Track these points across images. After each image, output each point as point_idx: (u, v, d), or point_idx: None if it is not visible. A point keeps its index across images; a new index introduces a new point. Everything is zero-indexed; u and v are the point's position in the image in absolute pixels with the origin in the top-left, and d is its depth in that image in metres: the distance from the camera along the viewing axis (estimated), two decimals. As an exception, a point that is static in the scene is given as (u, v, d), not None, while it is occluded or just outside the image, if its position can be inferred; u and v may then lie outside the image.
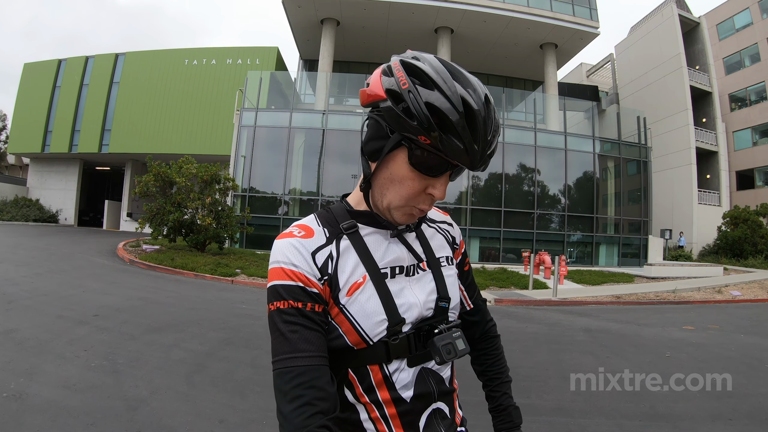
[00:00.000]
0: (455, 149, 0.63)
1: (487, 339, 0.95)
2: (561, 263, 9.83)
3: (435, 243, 0.84)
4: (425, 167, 0.67)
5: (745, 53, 22.28)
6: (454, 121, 0.62)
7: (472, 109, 0.62)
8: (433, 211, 0.90)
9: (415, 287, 0.76)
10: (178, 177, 11.44)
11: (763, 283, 11.61)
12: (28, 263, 8.77)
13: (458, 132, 0.62)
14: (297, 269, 0.68)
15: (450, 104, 0.62)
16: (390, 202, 0.71)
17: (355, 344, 0.71)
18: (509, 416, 0.90)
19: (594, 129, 17.04)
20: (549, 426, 2.81)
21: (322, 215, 0.77)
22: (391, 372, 0.72)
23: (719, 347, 5.10)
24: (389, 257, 0.75)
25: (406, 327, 0.73)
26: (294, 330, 0.65)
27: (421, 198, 0.70)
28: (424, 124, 0.62)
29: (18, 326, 4.35)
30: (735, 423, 2.92)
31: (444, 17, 17.86)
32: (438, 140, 0.62)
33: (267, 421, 2.69)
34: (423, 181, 0.68)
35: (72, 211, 24.92)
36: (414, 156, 0.66)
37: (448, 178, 0.70)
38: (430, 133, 0.62)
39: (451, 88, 0.63)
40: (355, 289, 0.71)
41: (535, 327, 5.98)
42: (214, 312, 5.82)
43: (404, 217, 0.73)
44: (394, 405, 0.72)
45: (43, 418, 2.53)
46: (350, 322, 0.70)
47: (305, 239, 0.71)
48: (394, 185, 0.70)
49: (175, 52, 22.94)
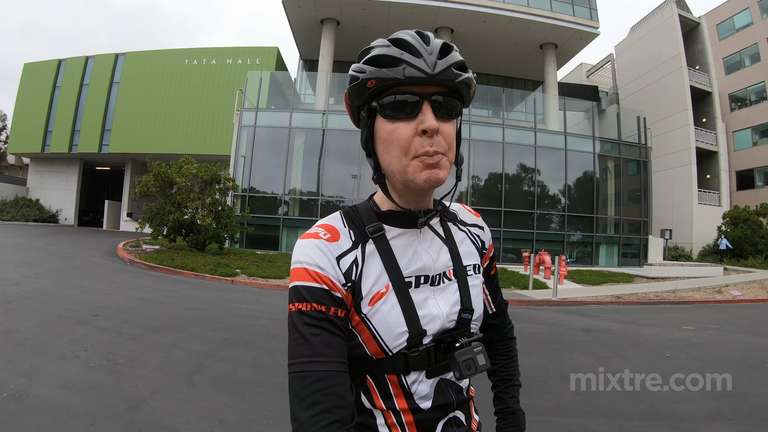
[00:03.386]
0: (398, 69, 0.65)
1: (504, 341, 0.94)
2: (561, 263, 9.83)
3: (463, 249, 0.80)
4: (396, 108, 0.66)
5: (745, 53, 22.28)
6: (384, 50, 0.66)
7: (399, 38, 0.67)
8: (464, 212, 0.86)
9: (439, 298, 0.74)
10: (178, 177, 11.44)
11: (763, 283, 11.61)
12: (28, 263, 8.77)
13: (391, 56, 0.65)
14: (322, 272, 0.66)
15: (379, 46, 0.67)
16: (395, 165, 0.68)
17: (374, 354, 0.69)
18: (516, 421, 0.88)
19: (594, 129, 17.05)
20: (549, 426, 2.81)
21: (348, 215, 0.75)
22: (410, 383, 0.71)
23: (719, 347, 5.10)
24: (415, 265, 0.72)
25: (426, 339, 0.71)
26: (315, 333, 0.63)
27: (418, 141, 0.66)
28: (363, 72, 0.67)
29: (18, 326, 4.35)
30: (735, 423, 2.92)
31: (444, 17, 17.86)
32: (379, 73, 0.65)
33: (267, 421, 2.69)
34: (408, 124, 0.66)
35: (72, 211, 24.92)
36: (382, 107, 0.67)
37: (430, 109, 0.66)
38: (371, 75, 0.66)
39: (381, 41, 0.68)
40: (377, 299, 0.69)
41: (535, 327, 5.98)
42: (214, 312, 5.82)
43: (423, 174, 0.66)
44: (412, 414, 0.71)
45: (43, 418, 2.53)
46: (370, 332, 0.68)
47: (331, 242, 0.69)
48: (389, 147, 0.68)
49: (175, 52, 22.94)
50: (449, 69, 0.66)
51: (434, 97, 0.66)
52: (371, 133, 0.71)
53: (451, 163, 0.70)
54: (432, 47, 0.66)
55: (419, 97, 0.65)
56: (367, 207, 0.76)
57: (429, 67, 0.64)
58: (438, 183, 0.67)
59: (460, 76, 0.67)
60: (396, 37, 0.67)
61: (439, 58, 0.65)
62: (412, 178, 0.67)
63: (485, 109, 19.08)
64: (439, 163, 0.66)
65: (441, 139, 0.66)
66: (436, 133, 0.66)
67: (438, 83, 0.66)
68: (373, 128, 0.70)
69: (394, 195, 0.73)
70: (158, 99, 22.13)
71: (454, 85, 0.67)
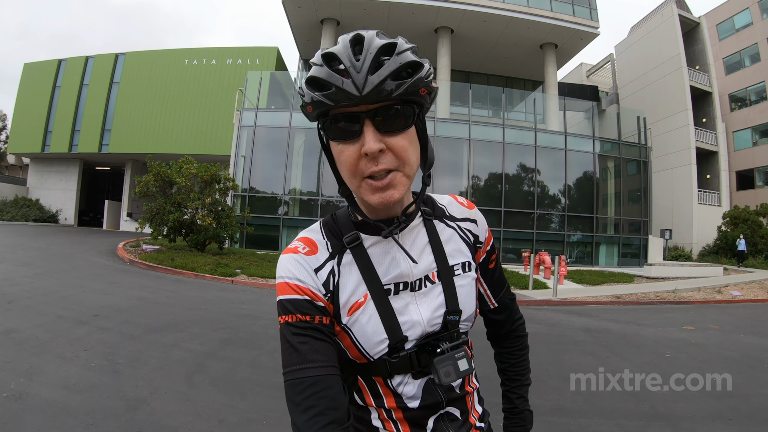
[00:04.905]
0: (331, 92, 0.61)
1: (513, 338, 0.92)
2: (561, 263, 9.83)
3: (450, 248, 0.78)
4: (338, 132, 0.64)
5: (745, 53, 22.28)
6: (316, 71, 0.62)
7: (330, 53, 0.62)
8: (455, 206, 0.83)
9: (421, 303, 0.73)
10: (178, 177, 11.44)
11: (763, 283, 11.61)
12: (28, 263, 8.77)
13: (322, 80, 0.61)
14: (303, 284, 0.68)
15: (315, 64, 0.63)
16: (349, 185, 0.68)
17: (356, 359, 0.72)
18: (522, 421, 0.89)
19: (594, 129, 17.05)
20: (549, 426, 2.81)
21: (327, 225, 0.76)
22: (395, 385, 0.73)
23: (719, 347, 5.10)
24: (394, 272, 0.72)
25: (409, 344, 0.72)
26: (303, 341, 0.66)
27: (363, 162, 0.63)
28: (303, 95, 0.64)
29: (18, 326, 4.35)
30: (735, 423, 2.92)
31: (444, 17, 17.85)
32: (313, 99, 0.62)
33: (267, 421, 2.69)
34: (352, 146, 0.63)
35: (72, 211, 24.93)
36: (326, 130, 0.66)
37: (371, 127, 0.62)
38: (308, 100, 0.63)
39: (316, 59, 0.64)
40: (355, 309, 0.70)
41: (535, 327, 5.97)
42: (214, 312, 5.82)
43: (374, 197, 0.64)
44: (402, 411, 0.73)
45: (43, 418, 2.53)
46: (351, 340, 0.71)
47: (308, 256, 0.71)
48: (341, 167, 0.67)
49: (175, 52, 22.94)
50: (383, 84, 0.59)
51: (376, 116, 0.62)
52: (328, 150, 0.70)
53: (409, 175, 0.66)
54: (362, 62, 0.60)
55: (359, 117, 0.62)
56: (346, 216, 0.76)
57: (357, 89, 0.59)
58: (393, 202, 0.65)
59: (402, 85, 0.60)
60: (328, 51, 0.62)
61: (370, 73, 0.59)
62: (365, 198, 0.66)
63: (485, 109, 19.09)
64: (390, 183, 0.63)
65: (390, 157, 0.63)
66: (382, 155, 0.62)
67: (372, 102, 0.60)
68: (329, 145, 0.69)
69: (361, 206, 0.72)
70: (158, 99, 22.14)
71: (393, 99, 0.61)
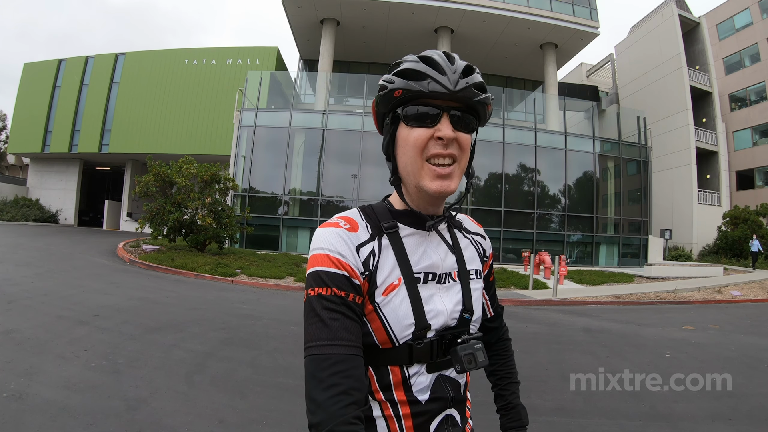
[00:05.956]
0: (423, 83, 0.71)
1: (501, 342, 0.99)
2: (561, 263, 9.83)
3: (467, 255, 0.86)
4: (418, 118, 0.72)
5: (745, 53, 22.28)
6: (413, 65, 0.72)
7: (427, 56, 0.73)
8: (468, 222, 0.93)
9: (444, 296, 0.78)
10: (178, 177, 11.44)
11: (763, 283, 11.62)
12: (28, 263, 8.77)
13: (418, 71, 0.71)
14: (344, 258, 0.70)
15: (409, 61, 0.74)
16: (410, 165, 0.74)
17: (381, 343, 0.73)
18: (518, 415, 0.92)
19: (594, 129, 17.05)
20: (549, 426, 2.81)
21: (365, 211, 0.80)
22: (410, 375, 0.74)
23: (719, 347, 5.10)
24: (425, 263, 0.77)
25: (430, 333, 0.75)
26: (335, 318, 0.66)
27: (432, 143, 0.72)
28: (392, 82, 0.73)
29: (18, 326, 4.35)
30: (735, 423, 2.92)
31: (444, 17, 17.86)
32: (406, 85, 0.71)
33: (267, 421, 2.68)
34: (426, 131, 0.72)
35: (72, 211, 24.92)
36: (406, 115, 0.73)
37: (448, 120, 0.72)
38: (399, 86, 0.72)
39: (411, 57, 0.75)
40: (390, 290, 0.73)
41: (535, 327, 5.98)
42: (214, 312, 5.82)
43: (434, 183, 0.73)
44: (409, 406, 0.74)
45: (43, 418, 2.53)
46: (381, 321, 0.72)
47: (351, 232, 0.74)
48: (406, 148, 0.74)
49: (175, 52, 22.94)
50: (469, 88, 0.72)
51: (453, 111, 0.73)
52: (393, 138, 0.77)
53: (462, 171, 0.76)
54: (456, 67, 0.72)
55: (440, 109, 0.72)
56: (383, 207, 0.82)
57: (451, 84, 0.71)
58: (448, 193, 0.74)
59: (479, 95, 0.73)
60: (425, 54, 0.74)
61: (461, 77, 0.72)
62: (424, 184, 0.73)
63: (485, 109, 19.07)
64: (450, 174, 0.73)
65: (455, 147, 0.73)
66: (451, 143, 0.72)
67: (458, 99, 0.72)
68: (395, 134, 0.76)
69: (407, 198, 0.79)
70: (158, 99, 22.13)
71: (473, 103, 0.73)
